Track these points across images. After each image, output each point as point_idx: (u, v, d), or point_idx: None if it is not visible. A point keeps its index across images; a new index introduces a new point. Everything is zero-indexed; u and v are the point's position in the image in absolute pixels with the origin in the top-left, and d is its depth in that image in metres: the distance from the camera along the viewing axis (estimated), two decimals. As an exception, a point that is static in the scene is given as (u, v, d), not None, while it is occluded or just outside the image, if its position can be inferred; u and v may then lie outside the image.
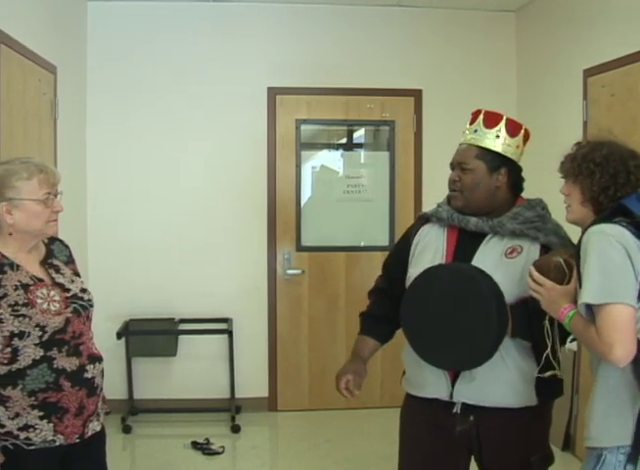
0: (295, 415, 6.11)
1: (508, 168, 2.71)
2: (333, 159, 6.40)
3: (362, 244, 6.31)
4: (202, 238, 6.05)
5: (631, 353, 2.16)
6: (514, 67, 6.24)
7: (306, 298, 6.19)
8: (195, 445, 5.32)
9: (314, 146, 6.42)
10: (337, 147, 6.47)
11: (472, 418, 2.64)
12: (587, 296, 2.19)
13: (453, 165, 2.79)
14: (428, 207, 5.84)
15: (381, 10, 6.10)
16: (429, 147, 6.18)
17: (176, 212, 6.03)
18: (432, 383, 2.69)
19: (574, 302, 2.31)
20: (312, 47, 6.10)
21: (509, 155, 2.70)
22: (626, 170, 2.33)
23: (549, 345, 2.47)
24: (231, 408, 5.87)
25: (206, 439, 5.37)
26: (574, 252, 2.34)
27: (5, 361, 2.42)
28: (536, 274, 2.38)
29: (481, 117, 2.73)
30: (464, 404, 2.64)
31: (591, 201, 2.37)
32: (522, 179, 2.80)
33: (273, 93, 6.07)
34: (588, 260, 2.21)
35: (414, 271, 2.72)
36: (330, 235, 6.30)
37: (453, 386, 2.64)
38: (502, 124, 2.70)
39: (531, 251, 2.61)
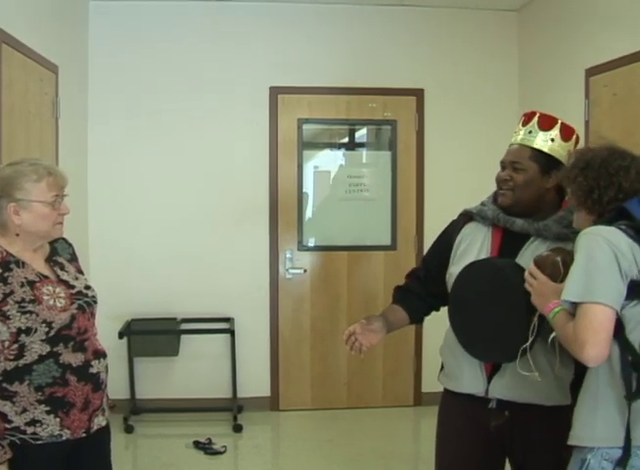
0: (297, 415, 6.11)
1: (558, 172, 2.70)
2: (335, 158, 6.39)
3: (364, 243, 6.30)
4: (204, 237, 6.05)
5: (603, 355, 2.15)
6: (516, 66, 6.25)
7: (308, 297, 6.18)
8: (197, 444, 5.32)
9: (316, 145, 6.41)
10: (339, 146, 6.47)
11: (507, 413, 2.66)
12: (568, 293, 2.22)
13: (504, 165, 2.77)
14: (430, 206, 6.02)
15: (383, 9, 6.11)
16: (430, 146, 6.19)
17: (178, 211, 6.03)
18: (468, 379, 2.73)
19: None
20: (314, 46, 6.10)
21: (560, 158, 2.70)
22: (607, 173, 2.34)
23: (529, 340, 2.45)
24: (233, 408, 5.87)
25: (208, 438, 5.38)
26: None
27: (11, 357, 2.43)
28: (532, 267, 2.43)
29: (536, 118, 2.72)
30: (499, 400, 2.66)
31: (582, 206, 2.39)
32: None
33: (275, 92, 6.07)
34: (576, 259, 2.24)
35: (456, 269, 2.75)
36: (332, 235, 6.30)
37: (489, 382, 2.67)
38: (557, 128, 2.70)
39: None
